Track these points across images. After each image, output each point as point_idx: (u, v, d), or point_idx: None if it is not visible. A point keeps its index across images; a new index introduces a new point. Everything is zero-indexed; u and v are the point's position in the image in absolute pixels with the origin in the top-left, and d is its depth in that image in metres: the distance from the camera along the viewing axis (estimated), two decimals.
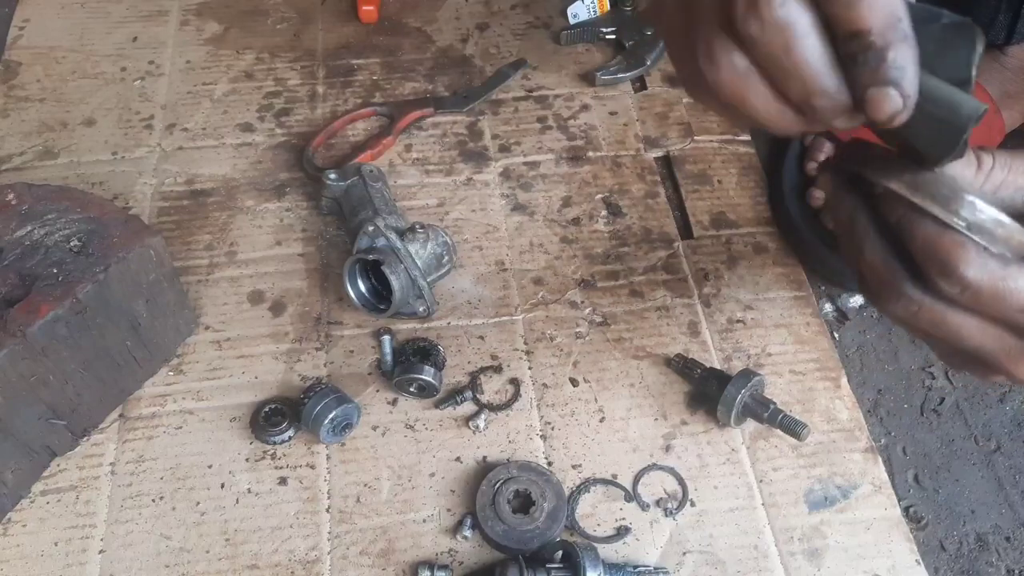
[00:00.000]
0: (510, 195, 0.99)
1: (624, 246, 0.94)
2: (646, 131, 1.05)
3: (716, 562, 0.74)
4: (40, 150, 1.00)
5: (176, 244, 0.92)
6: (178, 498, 0.76)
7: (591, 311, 0.89)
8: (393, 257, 0.82)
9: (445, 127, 1.05)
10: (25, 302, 0.68)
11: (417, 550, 0.74)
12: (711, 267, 0.93)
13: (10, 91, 1.06)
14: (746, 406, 0.78)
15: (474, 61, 1.12)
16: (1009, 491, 0.81)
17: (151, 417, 0.81)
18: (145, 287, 0.76)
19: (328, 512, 0.76)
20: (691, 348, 0.86)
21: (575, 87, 1.09)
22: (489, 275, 0.92)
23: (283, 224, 0.95)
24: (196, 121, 1.04)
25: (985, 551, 0.78)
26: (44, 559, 0.73)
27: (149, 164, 0.99)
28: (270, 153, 1.01)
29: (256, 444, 0.79)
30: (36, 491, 0.76)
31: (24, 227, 0.73)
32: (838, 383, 0.85)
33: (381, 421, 0.81)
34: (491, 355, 0.86)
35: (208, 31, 1.14)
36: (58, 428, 0.75)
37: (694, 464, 0.79)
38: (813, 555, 0.75)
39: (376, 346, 0.86)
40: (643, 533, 0.76)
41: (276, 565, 0.73)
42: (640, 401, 0.83)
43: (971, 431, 0.85)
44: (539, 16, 1.18)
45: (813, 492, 0.78)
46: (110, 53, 1.11)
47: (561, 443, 0.80)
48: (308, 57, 1.12)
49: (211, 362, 0.84)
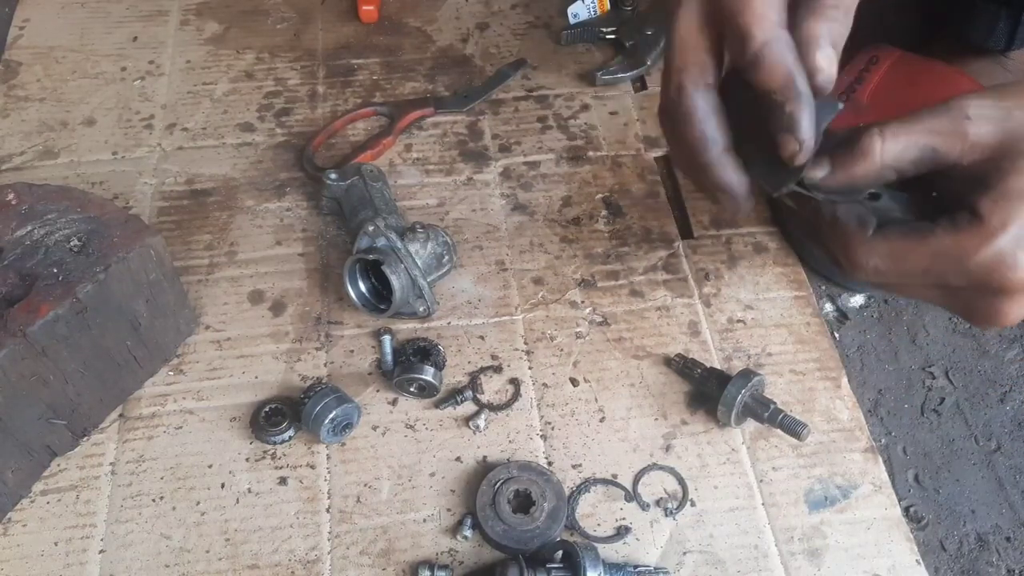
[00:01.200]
0: (510, 195, 0.99)
1: (624, 246, 0.94)
2: (646, 131, 1.05)
3: (716, 562, 0.74)
4: (40, 150, 1.00)
5: (176, 244, 0.92)
6: (178, 498, 0.76)
7: (591, 311, 0.89)
8: (393, 257, 0.82)
9: (445, 127, 1.05)
10: (25, 302, 0.68)
11: (417, 550, 0.74)
12: (711, 267, 0.93)
13: (10, 91, 1.06)
14: (746, 406, 0.78)
15: (474, 61, 1.12)
16: (1009, 491, 0.81)
17: (151, 417, 0.81)
18: (145, 287, 0.76)
19: (328, 512, 0.76)
20: (691, 348, 0.86)
21: (575, 87, 1.09)
22: (489, 275, 0.92)
23: (283, 224, 0.95)
24: (196, 121, 1.04)
25: (985, 551, 0.78)
26: (44, 559, 0.73)
27: (149, 164, 0.99)
28: (270, 153, 1.01)
29: (256, 444, 0.79)
30: (36, 491, 0.76)
31: (24, 227, 0.73)
32: (838, 383, 0.85)
33: (381, 421, 0.81)
34: (491, 355, 0.86)
35: (208, 31, 1.14)
36: (58, 428, 0.75)
37: (694, 464, 0.79)
38: (813, 555, 0.75)
39: (376, 346, 0.86)
40: (643, 533, 0.76)
41: (276, 565, 0.73)
42: (640, 401, 0.83)
43: (971, 431, 0.85)
44: (539, 16, 1.18)
45: (813, 492, 0.78)
46: (110, 53, 1.11)
47: (561, 443, 0.80)
48: (308, 57, 1.12)
49: (211, 362, 0.84)
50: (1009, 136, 0.55)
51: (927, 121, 0.57)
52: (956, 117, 0.56)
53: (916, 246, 0.56)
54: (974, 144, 0.56)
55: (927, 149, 0.57)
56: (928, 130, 0.57)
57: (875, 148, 0.57)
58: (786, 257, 0.94)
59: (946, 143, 0.57)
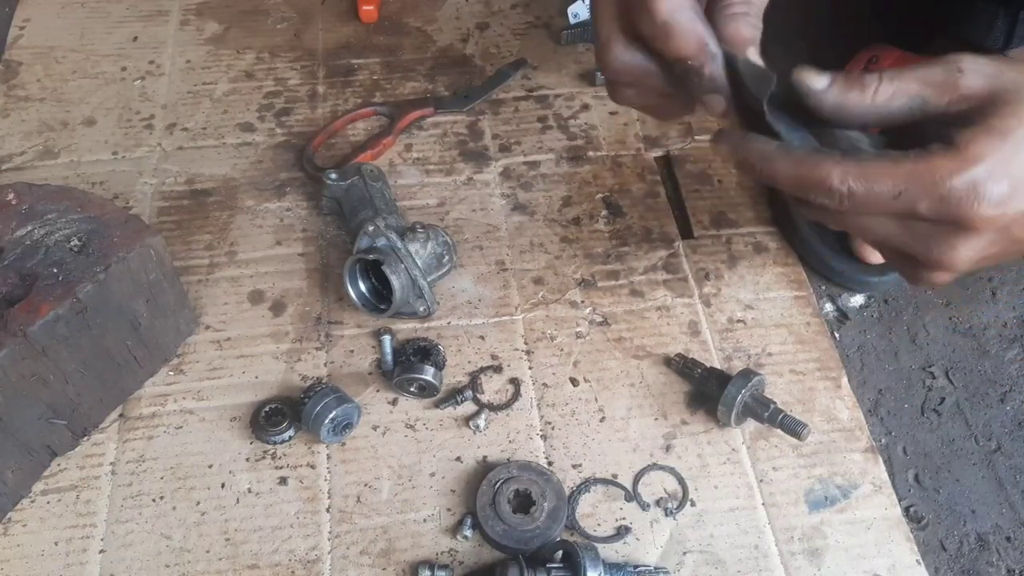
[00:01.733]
0: (510, 195, 0.99)
1: (624, 246, 0.94)
2: (646, 131, 1.05)
3: (716, 562, 0.74)
4: (40, 150, 1.00)
5: (176, 244, 0.92)
6: (178, 498, 0.76)
7: (591, 311, 0.89)
8: (393, 257, 0.82)
9: (445, 127, 1.05)
10: (25, 302, 0.68)
11: (417, 550, 0.74)
12: (711, 267, 0.93)
13: (10, 91, 1.06)
14: (746, 406, 0.78)
15: (474, 61, 1.12)
16: (1009, 491, 0.81)
17: (151, 417, 0.81)
18: (145, 287, 0.76)
19: (328, 512, 0.76)
20: (691, 348, 0.86)
21: (575, 87, 1.09)
22: (489, 275, 0.92)
23: (283, 224, 0.95)
24: (196, 121, 1.04)
25: (985, 551, 0.78)
26: (44, 559, 0.73)
27: (149, 164, 0.99)
28: (270, 153, 1.01)
29: (256, 444, 0.79)
30: (36, 491, 0.76)
31: (24, 227, 0.73)
32: (838, 383, 0.85)
33: (381, 421, 0.81)
34: (491, 355, 0.86)
35: (208, 31, 1.14)
36: (58, 428, 0.75)
37: (694, 464, 0.79)
38: (813, 555, 0.75)
39: (376, 346, 0.86)
40: (643, 533, 0.76)
41: (276, 565, 0.73)
42: (640, 401, 0.83)
43: (971, 431, 0.85)
44: (539, 16, 1.18)
45: (813, 492, 0.78)
46: (110, 53, 1.11)
47: (561, 443, 0.80)
48: (308, 57, 1.12)
49: (211, 362, 0.84)
50: (998, 87, 0.57)
51: (921, 72, 0.58)
52: (949, 70, 0.58)
53: (892, 166, 0.57)
54: (963, 95, 0.57)
55: (916, 98, 0.58)
56: (920, 80, 0.58)
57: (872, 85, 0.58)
58: (786, 257, 0.94)
59: (936, 94, 0.58)
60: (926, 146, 0.57)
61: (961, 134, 0.55)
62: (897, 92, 0.58)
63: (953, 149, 0.55)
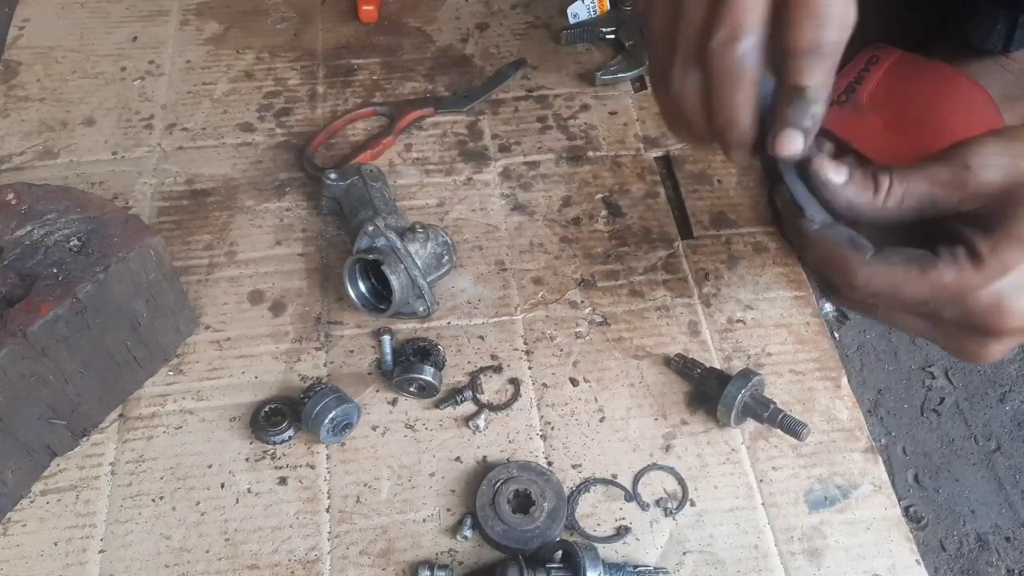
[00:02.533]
0: (510, 195, 0.99)
1: (624, 246, 0.94)
2: (646, 131, 1.05)
3: (716, 562, 0.74)
4: (40, 150, 1.00)
5: (176, 244, 0.92)
6: (178, 498, 0.76)
7: (591, 311, 0.89)
8: (393, 257, 0.82)
9: (445, 127, 1.05)
10: (25, 302, 0.68)
11: (417, 550, 0.74)
12: (711, 267, 0.93)
13: (10, 91, 1.06)
14: (746, 406, 0.78)
15: (474, 61, 1.12)
16: (1009, 491, 0.81)
17: (151, 417, 0.81)
18: (145, 287, 0.76)
19: (328, 512, 0.76)
20: (691, 348, 0.86)
21: (575, 87, 1.09)
22: (489, 275, 0.92)
23: (283, 224, 0.95)
24: (196, 121, 1.04)
25: (985, 551, 0.78)
26: (44, 559, 0.73)
27: (149, 164, 0.99)
28: (270, 153, 1.01)
29: (256, 444, 0.79)
30: (36, 491, 0.76)
31: (24, 227, 0.73)
32: (838, 383, 0.85)
33: (381, 421, 0.81)
34: (491, 355, 0.86)
35: (208, 31, 1.14)
36: (58, 428, 0.75)
37: (694, 464, 0.79)
38: (813, 555, 0.75)
39: (376, 346, 0.86)
40: (643, 533, 0.76)
41: (276, 565, 0.73)
42: (640, 401, 0.83)
43: (971, 431, 0.85)
44: (539, 16, 1.18)
45: (813, 492, 0.78)
46: (110, 53, 1.11)
47: (561, 443, 0.80)
48: (308, 57, 1.12)
49: (211, 362, 0.84)
50: (1012, 184, 0.56)
51: (929, 171, 0.58)
52: (956, 167, 0.58)
53: (918, 275, 0.56)
54: (974, 193, 0.57)
55: (927, 198, 0.58)
56: (928, 179, 0.58)
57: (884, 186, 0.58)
58: (786, 257, 0.94)
59: (945, 193, 0.58)
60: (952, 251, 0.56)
61: (983, 242, 0.55)
62: (907, 194, 0.58)
63: (978, 260, 0.55)
